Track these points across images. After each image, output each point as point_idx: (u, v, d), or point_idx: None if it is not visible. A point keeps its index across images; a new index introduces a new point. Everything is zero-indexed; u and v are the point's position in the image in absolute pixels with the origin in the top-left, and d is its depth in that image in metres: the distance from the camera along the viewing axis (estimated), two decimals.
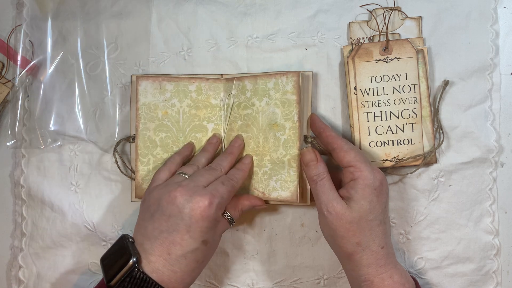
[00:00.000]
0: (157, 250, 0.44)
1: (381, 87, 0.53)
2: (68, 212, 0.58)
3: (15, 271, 0.59)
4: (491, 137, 0.53)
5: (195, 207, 0.44)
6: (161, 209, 0.45)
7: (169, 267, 0.44)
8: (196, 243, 0.44)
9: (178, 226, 0.44)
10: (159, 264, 0.44)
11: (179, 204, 0.44)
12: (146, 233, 0.45)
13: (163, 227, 0.45)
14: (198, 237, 0.44)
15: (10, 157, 0.59)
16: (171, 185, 0.46)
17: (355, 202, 0.45)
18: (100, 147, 0.58)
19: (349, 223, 0.45)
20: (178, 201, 0.44)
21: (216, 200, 0.45)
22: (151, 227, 0.45)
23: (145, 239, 0.45)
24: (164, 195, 0.45)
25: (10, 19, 0.60)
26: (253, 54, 0.56)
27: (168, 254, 0.44)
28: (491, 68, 0.54)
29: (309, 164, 0.49)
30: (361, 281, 0.46)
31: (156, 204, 0.46)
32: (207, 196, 0.45)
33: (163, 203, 0.45)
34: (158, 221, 0.45)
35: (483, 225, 0.53)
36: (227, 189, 0.47)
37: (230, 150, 0.53)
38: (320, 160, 0.49)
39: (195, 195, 0.45)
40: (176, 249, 0.44)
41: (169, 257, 0.44)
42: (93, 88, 0.58)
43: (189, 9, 0.58)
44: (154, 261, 0.44)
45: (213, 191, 0.46)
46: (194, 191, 0.45)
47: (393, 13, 0.54)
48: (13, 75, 0.59)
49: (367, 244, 0.45)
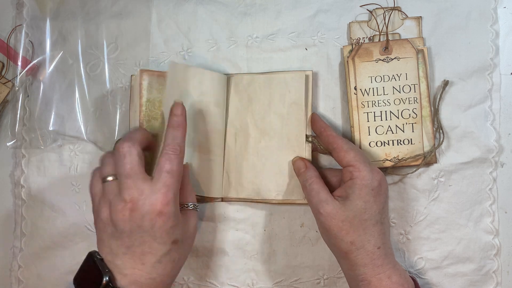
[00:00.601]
0: (129, 264, 0.43)
1: (381, 87, 0.53)
2: (68, 212, 0.58)
3: (14, 271, 0.58)
4: (491, 137, 0.53)
5: (152, 216, 0.42)
6: (119, 228, 0.43)
7: (146, 276, 0.43)
8: (167, 246, 0.44)
9: (143, 239, 0.43)
10: (136, 275, 0.43)
11: (135, 219, 0.42)
12: (112, 250, 0.44)
13: (127, 243, 0.43)
14: (166, 240, 0.43)
15: (10, 157, 0.59)
16: (116, 202, 0.43)
17: (350, 201, 0.45)
18: (100, 147, 0.58)
19: (341, 222, 0.45)
20: (133, 218, 0.43)
21: (169, 198, 0.43)
22: (115, 245, 0.44)
23: (114, 256, 0.44)
24: (116, 215, 0.43)
25: (10, 19, 0.60)
26: (253, 54, 0.57)
27: (142, 264, 0.43)
28: (491, 68, 0.54)
29: (299, 172, 0.51)
30: (359, 281, 0.46)
31: (110, 225, 0.44)
32: (158, 199, 0.43)
33: (118, 223, 0.43)
34: (120, 239, 0.43)
35: (483, 225, 0.53)
36: (174, 174, 0.44)
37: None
38: (309, 167, 0.50)
39: (145, 204, 0.42)
40: (149, 258, 0.43)
41: (143, 266, 0.43)
42: (93, 88, 0.58)
43: (189, 9, 0.58)
44: (129, 274, 0.43)
45: (163, 189, 0.43)
46: (143, 200, 0.43)
47: (393, 13, 0.54)
48: (13, 75, 0.59)
49: (362, 243, 0.45)
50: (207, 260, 0.56)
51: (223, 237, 0.56)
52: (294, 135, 0.52)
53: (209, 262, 0.56)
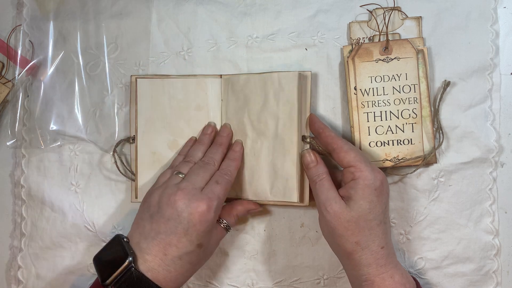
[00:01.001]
0: (154, 250, 0.45)
1: (381, 87, 0.53)
2: (68, 212, 0.58)
3: (14, 271, 0.58)
4: (491, 137, 0.53)
5: (193, 211, 0.45)
6: (160, 211, 0.46)
7: (164, 266, 0.45)
8: (192, 246, 0.45)
9: (176, 229, 0.45)
10: (155, 263, 0.45)
11: (178, 208, 0.45)
12: (144, 232, 0.46)
13: (161, 228, 0.45)
14: (194, 240, 0.45)
15: (10, 157, 0.59)
16: (170, 188, 0.47)
17: (354, 202, 0.45)
18: (100, 147, 0.58)
19: (347, 222, 0.45)
20: (177, 205, 0.45)
21: (213, 204, 0.46)
22: (149, 227, 0.46)
23: (142, 238, 0.46)
24: (164, 198, 0.46)
25: (10, 19, 0.60)
26: (253, 54, 0.57)
27: (164, 255, 0.45)
28: (491, 68, 0.54)
29: (309, 166, 0.50)
30: (362, 281, 0.46)
31: (156, 206, 0.47)
32: (204, 200, 0.45)
33: (162, 205, 0.46)
34: (156, 223, 0.46)
35: (483, 225, 0.53)
36: (222, 188, 0.48)
37: (219, 140, 0.53)
38: (320, 161, 0.50)
39: (193, 199, 0.45)
40: (172, 250, 0.45)
41: (165, 257, 0.45)
42: (93, 88, 0.58)
43: (189, 9, 0.58)
44: (150, 260, 0.45)
45: (210, 194, 0.46)
46: (193, 195, 0.46)
47: (393, 13, 0.54)
48: (13, 75, 0.59)
49: (367, 243, 0.45)
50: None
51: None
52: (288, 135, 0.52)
53: (209, 262, 0.56)
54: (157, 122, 0.55)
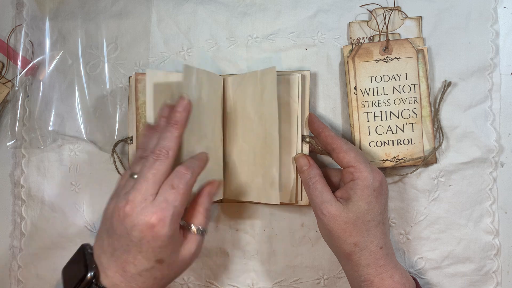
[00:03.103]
0: (113, 266, 0.42)
1: (381, 87, 0.53)
2: (68, 213, 0.58)
3: (14, 271, 0.58)
4: (491, 137, 0.53)
5: (143, 229, 0.40)
6: (112, 227, 0.42)
7: (126, 283, 0.42)
8: (150, 262, 0.42)
9: (129, 247, 0.41)
10: (117, 279, 0.42)
11: (127, 226, 0.41)
12: (103, 246, 0.43)
13: (115, 245, 0.42)
14: (151, 257, 0.41)
15: (10, 157, 0.59)
16: (120, 200, 0.42)
17: (353, 202, 0.45)
18: (100, 147, 0.58)
19: (344, 224, 0.45)
20: (126, 223, 0.41)
21: (167, 216, 0.40)
22: (106, 242, 0.43)
23: (102, 253, 0.43)
24: (114, 213, 0.42)
25: (10, 19, 0.60)
26: (253, 54, 0.57)
27: (124, 271, 0.42)
28: (491, 68, 0.54)
29: (302, 169, 0.50)
30: (361, 281, 0.46)
31: (109, 220, 0.43)
32: (155, 214, 0.40)
33: (113, 221, 0.42)
34: (111, 238, 0.42)
35: (483, 225, 0.53)
36: (179, 193, 0.42)
37: (173, 118, 0.45)
38: (312, 164, 0.50)
39: (142, 214, 0.40)
40: (130, 268, 0.42)
41: (124, 274, 0.42)
42: (93, 88, 0.58)
43: (189, 9, 0.58)
44: (111, 276, 0.42)
45: (162, 204, 0.41)
46: (142, 208, 0.40)
47: (393, 13, 0.54)
48: (13, 75, 0.59)
49: (365, 244, 0.45)
50: (207, 260, 0.56)
51: (223, 237, 0.56)
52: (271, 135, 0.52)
53: (209, 262, 0.56)
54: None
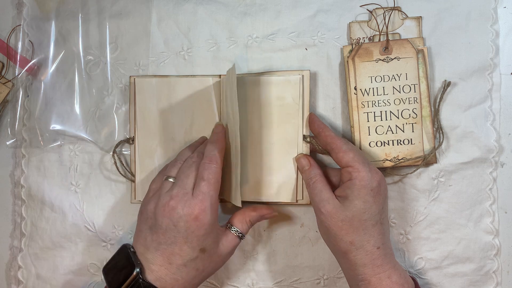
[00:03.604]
0: (159, 260, 0.45)
1: (381, 87, 0.53)
2: (68, 213, 0.58)
3: (14, 271, 0.58)
4: (491, 137, 0.53)
5: (188, 219, 0.45)
6: (157, 223, 0.46)
7: (171, 275, 0.45)
8: (195, 252, 0.45)
9: (175, 239, 0.45)
10: (162, 273, 0.45)
11: (173, 218, 0.45)
12: (146, 243, 0.47)
13: (161, 239, 0.46)
14: (195, 245, 0.45)
15: (10, 157, 0.59)
16: (163, 197, 0.47)
17: (349, 201, 0.45)
18: (100, 147, 0.58)
19: (341, 222, 0.45)
20: (172, 216, 0.45)
21: (206, 205, 0.45)
22: (150, 239, 0.46)
23: (146, 250, 0.46)
24: (158, 209, 0.46)
25: (10, 19, 0.60)
26: (253, 54, 0.57)
27: (169, 264, 0.45)
28: (491, 68, 0.54)
29: (303, 169, 0.51)
30: (359, 281, 0.46)
31: (152, 218, 0.47)
32: (197, 205, 0.45)
33: (158, 217, 0.46)
34: (156, 234, 0.46)
35: (483, 225, 0.53)
36: (211, 183, 0.46)
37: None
38: (313, 164, 0.51)
39: (186, 206, 0.45)
40: (176, 259, 0.45)
41: (170, 266, 0.45)
42: (93, 88, 0.58)
43: (189, 9, 0.58)
44: (156, 270, 0.45)
45: (200, 196, 0.45)
46: (185, 202, 0.45)
47: (393, 13, 0.54)
48: (13, 75, 0.59)
49: (361, 243, 0.45)
50: None
51: None
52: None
53: None
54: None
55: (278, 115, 0.53)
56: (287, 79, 0.53)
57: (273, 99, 0.53)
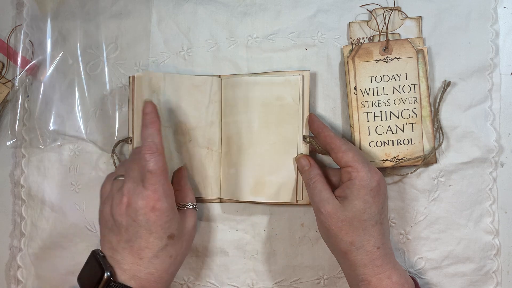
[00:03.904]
0: (128, 259, 0.45)
1: (381, 87, 0.53)
2: (68, 213, 0.58)
3: (13, 271, 0.58)
4: (491, 137, 0.53)
5: (146, 211, 0.44)
6: (117, 223, 0.45)
7: (144, 270, 0.45)
8: (163, 240, 0.45)
9: (139, 233, 0.44)
10: (134, 270, 0.45)
11: (131, 214, 0.44)
12: (112, 246, 0.46)
13: (125, 238, 0.45)
14: (162, 234, 0.45)
15: (10, 157, 0.59)
16: (116, 196, 0.46)
17: (349, 201, 0.45)
18: (100, 147, 0.58)
19: (341, 222, 0.45)
20: (129, 212, 0.45)
21: (160, 194, 0.44)
22: (114, 240, 0.46)
23: (114, 252, 0.46)
24: (114, 209, 0.46)
25: (10, 19, 0.60)
26: (253, 54, 0.57)
27: (140, 259, 0.45)
28: (491, 68, 0.54)
29: (303, 169, 0.51)
30: (359, 281, 0.46)
31: (111, 219, 0.46)
32: (150, 196, 0.44)
33: (116, 217, 0.45)
34: (119, 234, 0.45)
35: (483, 225, 0.53)
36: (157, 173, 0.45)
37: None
38: (313, 165, 0.51)
39: (139, 199, 0.44)
40: (146, 252, 0.45)
41: (141, 261, 0.45)
42: (93, 88, 0.58)
43: (189, 9, 0.58)
44: (128, 269, 0.45)
45: (151, 186, 0.44)
46: (137, 194, 0.44)
47: (393, 13, 0.54)
48: (13, 75, 0.59)
49: (361, 243, 0.45)
50: (207, 260, 0.56)
51: (223, 237, 0.56)
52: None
53: (209, 262, 0.56)
54: None
55: (278, 115, 0.53)
56: (287, 79, 0.53)
57: (273, 99, 0.53)
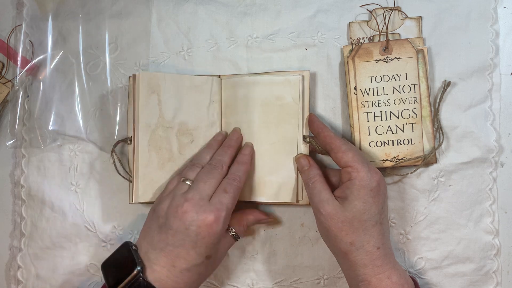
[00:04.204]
0: (162, 261, 0.45)
1: (381, 87, 0.53)
2: (68, 213, 0.57)
3: (13, 271, 0.58)
4: (491, 137, 0.53)
5: (201, 224, 0.44)
6: (168, 223, 0.45)
7: (172, 278, 0.45)
8: (201, 258, 0.45)
9: (184, 242, 0.44)
10: (163, 274, 0.45)
11: (185, 221, 0.44)
12: (153, 242, 0.46)
13: (169, 240, 0.45)
14: (203, 252, 0.45)
15: (10, 157, 0.59)
16: (177, 198, 0.46)
17: (349, 202, 0.45)
18: (100, 147, 0.58)
19: (341, 223, 0.45)
20: (184, 218, 0.44)
21: (222, 215, 0.45)
22: (157, 238, 0.46)
23: (151, 248, 0.46)
24: (171, 209, 0.46)
25: (10, 19, 0.60)
26: (253, 54, 0.57)
27: (173, 266, 0.45)
28: (491, 68, 0.54)
29: (302, 170, 0.51)
30: (359, 281, 0.46)
31: (163, 217, 0.46)
32: (213, 212, 0.45)
33: (170, 217, 0.45)
34: (165, 234, 0.45)
35: (483, 225, 0.53)
36: (231, 196, 0.47)
37: (228, 143, 0.52)
38: (312, 165, 0.51)
39: (200, 211, 0.44)
40: (181, 263, 0.45)
41: (173, 269, 0.45)
42: (93, 88, 0.58)
43: (189, 9, 0.58)
44: (158, 270, 0.45)
45: (218, 205, 0.45)
46: (200, 206, 0.45)
47: (393, 13, 0.54)
48: (13, 75, 0.59)
49: (361, 244, 0.45)
50: None
51: None
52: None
53: None
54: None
55: (278, 115, 0.53)
56: (287, 79, 0.53)
57: (273, 99, 0.53)
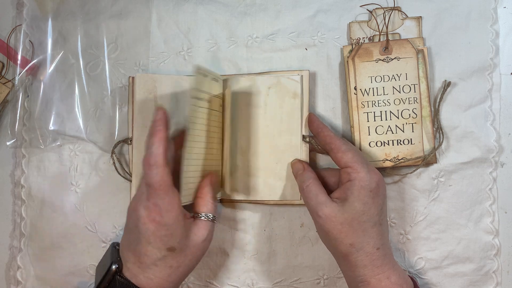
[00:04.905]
0: (131, 259, 0.46)
1: (381, 87, 0.53)
2: (68, 213, 0.58)
3: (13, 271, 0.58)
4: (491, 137, 0.53)
5: (146, 221, 0.44)
6: (127, 222, 0.47)
7: (144, 274, 0.45)
8: (161, 251, 0.44)
9: (139, 240, 0.45)
10: (135, 271, 0.45)
11: (134, 219, 0.45)
12: (123, 242, 0.48)
13: (130, 239, 0.46)
14: (160, 246, 0.44)
15: (10, 157, 0.59)
16: (134, 198, 0.47)
17: (349, 203, 0.45)
18: (100, 147, 0.58)
19: (340, 225, 0.45)
20: (133, 216, 0.45)
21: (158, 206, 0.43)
22: (125, 238, 0.48)
23: (123, 248, 0.47)
24: (129, 209, 0.47)
25: (10, 19, 0.60)
26: (253, 54, 0.57)
27: (140, 263, 0.45)
28: (491, 68, 0.54)
29: (297, 174, 0.51)
30: (358, 282, 0.46)
31: (127, 216, 0.47)
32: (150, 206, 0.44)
33: (128, 217, 0.47)
34: (127, 234, 0.47)
35: (483, 225, 0.53)
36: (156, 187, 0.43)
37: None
38: (306, 168, 0.50)
39: (142, 208, 0.44)
40: (145, 259, 0.45)
41: (141, 265, 0.45)
42: (93, 88, 0.58)
43: (189, 9, 0.58)
44: (131, 268, 0.46)
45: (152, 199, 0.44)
46: (141, 203, 0.44)
47: (393, 13, 0.54)
48: (13, 75, 0.59)
49: (361, 245, 0.45)
50: (207, 260, 0.56)
51: (223, 237, 0.56)
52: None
53: (209, 262, 0.56)
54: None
55: (278, 115, 0.53)
56: (286, 79, 0.53)
57: (273, 99, 0.53)
